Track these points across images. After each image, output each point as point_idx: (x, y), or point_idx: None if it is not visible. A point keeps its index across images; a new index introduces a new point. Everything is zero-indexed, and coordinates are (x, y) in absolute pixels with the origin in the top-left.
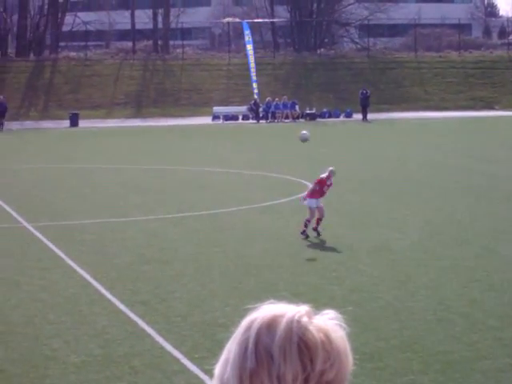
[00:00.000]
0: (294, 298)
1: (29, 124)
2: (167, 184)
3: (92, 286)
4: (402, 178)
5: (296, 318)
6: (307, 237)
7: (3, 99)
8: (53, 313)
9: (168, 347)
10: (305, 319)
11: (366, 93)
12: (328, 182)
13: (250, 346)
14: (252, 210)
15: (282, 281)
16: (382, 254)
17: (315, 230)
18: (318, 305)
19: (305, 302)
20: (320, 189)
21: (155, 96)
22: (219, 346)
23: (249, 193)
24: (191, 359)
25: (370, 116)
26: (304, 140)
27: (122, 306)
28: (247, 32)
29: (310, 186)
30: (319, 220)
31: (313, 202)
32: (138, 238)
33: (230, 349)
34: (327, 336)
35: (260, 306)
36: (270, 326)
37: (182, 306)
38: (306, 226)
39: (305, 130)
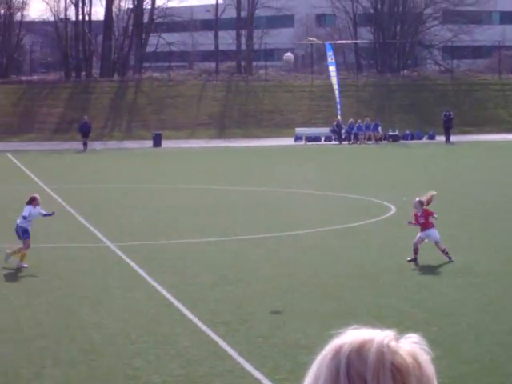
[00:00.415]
0: (376, 320)
1: (112, 144)
2: (248, 204)
3: (174, 306)
4: (486, 201)
5: (385, 342)
6: (416, 263)
7: (87, 119)
8: (135, 332)
9: (249, 368)
10: (393, 343)
11: (450, 115)
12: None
13: (342, 370)
14: (333, 232)
15: (363, 303)
16: (464, 276)
17: (445, 253)
18: (401, 328)
19: (387, 325)
20: (426, 219)
21: (238, 117)
22: (300, 367)
23: (330, 214)
24: (272, 380)
25: (453, 138)
26: (288, 62)
27: (203, 327)
28: (330, 53)
29: (417, 214)
30: (443, 251)
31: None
32: (220, 259)
33: (318, 374)
34: (416, 360)
35: (344, 331)
36: (361, 350)
37: (263, 327)
38: (416, 253)
39: (385, 149)
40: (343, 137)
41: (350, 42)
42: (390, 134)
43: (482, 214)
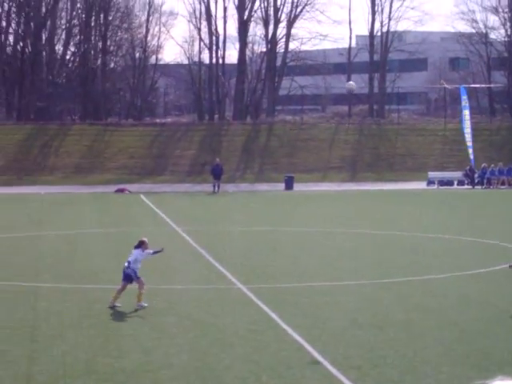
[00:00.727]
0: (510, 366)
1: (244, 186)
2: (379, 248)
3: (304, 349)
4: None
5: None
6: None
7: (219, 162)
8: (265, 375)
9: None
10: None
11: None
12: None
13: None
14: (466, 277)
15: (496, 348)
16: None
17: None
18: None
19: None
20: None
21: (370, 160)
22: None
23: (462, 259)
24: None
25: None
26: (349, 91)
27: (334, 371)
28: (464, 97)
29: None
30: None
31: None
32: (351, 302)
33: None
34: None
35: (490, 381)
36: None
37: (394, 372)
38: None
39: None
40: (476, 181)
41: (483, 85)
42: None
43: None
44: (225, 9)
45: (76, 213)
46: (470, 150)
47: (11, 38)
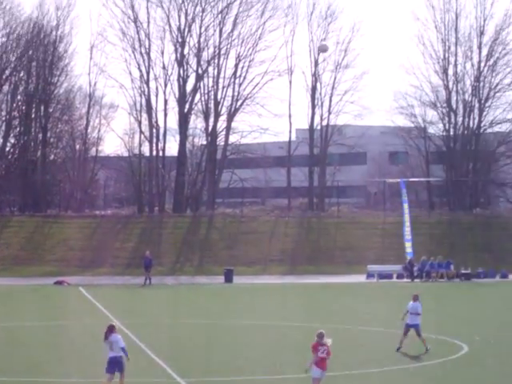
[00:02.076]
0: None
1: (184, 279)
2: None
3: None
4: None
5: None
6: None
7: (149, 255)
8: None
9: None
10: None
11: None
12: None
13: None
14: (403, 371)
15: None
16: None
17: None
18: None
19: None
20: None
21: (310, 253)
22: None
23: (399, 353)
24: None
25: None
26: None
27: None
28: (404, 191)
29: None
30: None
31: None
32: None
33: None
34: None
35: None
36: None
37: None
38: None
39: (457, 287)
40: (415, 274)
41: (422, 179)
42: (463, 272)
43: None
44: (165, 101)
45: (14, 305)
46: (410, 244)
47: None
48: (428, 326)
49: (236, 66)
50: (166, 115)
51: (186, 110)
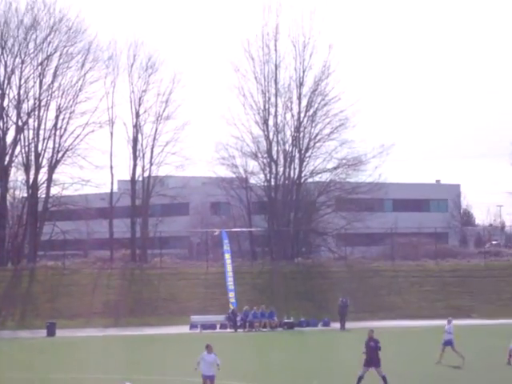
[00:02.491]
0: None
1: (5, 334)
2: None
3: None
4: None
5: None
6: None
7: None
8: None
9: None
10: None
11: (346, 301)
12: None
13: None
14: None
15: None
16: None
17: None
18: None
19: None
20: None
21: (133, 305)
22: None
23: None
24: None
25: (348, 325)
26: None
27: None
28: (226, 241)
29: None
30: None
31: None
32: None
33: None
34: None
35: None
36: None
37: None
38: None
39: (280, 336)
40: (238, 324)
41: (244, 229)
42: (286, 321)
43: None
44: None
45: None
46: (231, 294)
47: None
48: (250, 376)
49: (57, 117)
50: None
51: (6, 163)
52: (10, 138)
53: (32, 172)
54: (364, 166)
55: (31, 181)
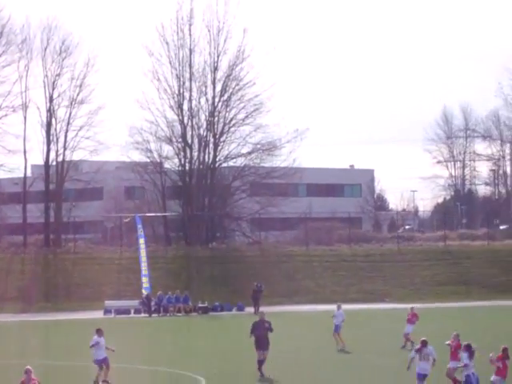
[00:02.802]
0: None
1: None
2: (52, 379)
3: None
4: (291, 372)
5: None
6: None
7: None
8: None
9: None
10: None
11: (260, 286)
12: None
13: None
14: None
15: None
16: None
17: None
18: None
19: None
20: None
21: (47, 290)
22: None
23: None
24: None
25: (262, 309)
26: None
27: None
28: (140, 226)
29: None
30: None
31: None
32: None
33: None
34: None
35: None
36: None
37: None
38: None
39: (194, 320)
40: (153, 309)
41: (159, 214)
42: (200, 305)
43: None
44: None
45: None
46: (145, 279)
47: None
48: (165, 360)
49: None
50: None
51: None
52: None
53: None
54: (278, 150)
55: None
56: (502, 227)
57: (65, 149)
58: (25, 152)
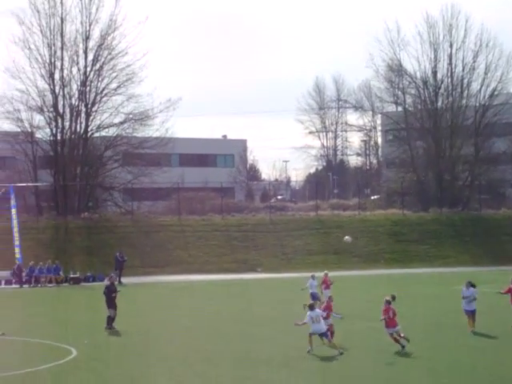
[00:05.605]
0: None
1: None
2: None
3: None
4: (165, 342)
5: None
6: None
7: None
8: None
9: None
10: None
11: (122, 255)
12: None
13: None
14: (10, 378)
15: None
16: None
17: None
18: None
19: None
20: None
21: None
22: None
23: (7, 359)
24: None
25: (135, 279)
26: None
27: None
28: (12, 196)
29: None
30: None
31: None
32: None
33: None
34: None
35: None
36: None
37: None
38: None
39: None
40: (24, 280)
41: (30, 184)
42: (72, 276)
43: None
44: None
45: None
46: (18, 249)
47: None
48: (36, 331)
49: None
50: None
51: None
52: None
53: None
54: (151, 120)
55: None
56: (372, 197)
57: None
58: None
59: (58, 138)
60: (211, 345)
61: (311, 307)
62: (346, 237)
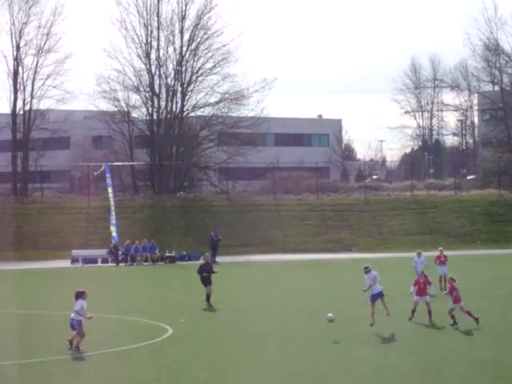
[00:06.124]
0: None
1: None
2: (22, 328)
3: None
4: (260, 321)
5: None
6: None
7: None
8: None
9: None
10: None
11: (217, 235)
12: None
13: None
14: (110, 355)
15: None
16: None
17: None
18: None
19: None
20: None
21: (14, 239)
22: None
23: (106, 337)
24: None
25: (230, 258)
26: (330, 320)
27: None
28: (108, 175)
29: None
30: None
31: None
32: None
33: None
34: None
35: None
36: None
37: None
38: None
39: (162, 270)
40: (120, 258)
41: (126, 163)
42: (167, 255)
43: (256, 332)
44: None
45: None
46: (113, 228)
47: None
48: (132, 310)
49: None
50: None
51: None
52: None
53: None
54: (246, 100)
55: None
56: (468, 177)
57: (32, 98)
58: None
59: (154, 117)
60: (306, 323)
61: (367, 270)
62: (329, 314)
